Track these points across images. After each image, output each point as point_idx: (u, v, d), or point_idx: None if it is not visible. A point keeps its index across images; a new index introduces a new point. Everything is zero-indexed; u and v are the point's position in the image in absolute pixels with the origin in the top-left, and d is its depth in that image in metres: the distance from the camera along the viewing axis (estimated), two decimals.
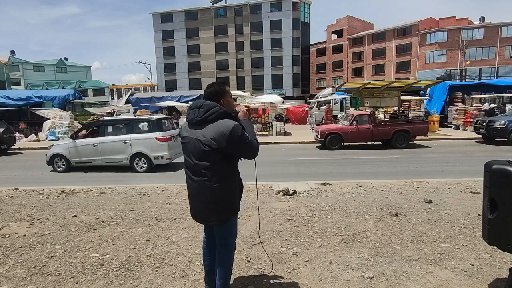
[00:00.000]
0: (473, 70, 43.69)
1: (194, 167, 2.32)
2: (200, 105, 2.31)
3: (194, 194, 2.40)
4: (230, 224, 2.50)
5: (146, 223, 4.56)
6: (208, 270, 2.65)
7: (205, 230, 2.67)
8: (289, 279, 2.98)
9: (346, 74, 55.86)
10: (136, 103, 20.38)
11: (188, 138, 2.35)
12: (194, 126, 2.32)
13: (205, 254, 2.66)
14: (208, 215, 2.38)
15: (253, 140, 2.32)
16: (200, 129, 2.27)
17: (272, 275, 3.06)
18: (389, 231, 4.05)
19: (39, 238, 4.11)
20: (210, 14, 56.25)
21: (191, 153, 2.32)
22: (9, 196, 6.29)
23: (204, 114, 2.26)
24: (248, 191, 6.20)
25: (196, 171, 2.32)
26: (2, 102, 19.99)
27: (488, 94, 19.79)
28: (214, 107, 2.28)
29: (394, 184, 6.50)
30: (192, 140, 2.30)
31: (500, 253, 3.28)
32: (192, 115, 2.33)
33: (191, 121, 2.34)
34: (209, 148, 2.22)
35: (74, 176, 9.00)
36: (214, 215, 2.36)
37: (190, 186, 2.43)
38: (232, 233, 2.57)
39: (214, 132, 2.21)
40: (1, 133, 13.47)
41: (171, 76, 58.36)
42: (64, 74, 70.21)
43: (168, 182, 7.27)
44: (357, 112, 13.94)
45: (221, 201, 2.34)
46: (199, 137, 2.25)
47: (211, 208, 2.34)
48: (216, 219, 2.38)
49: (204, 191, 2.31)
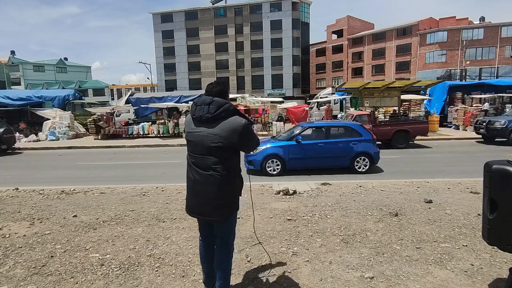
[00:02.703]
0: (473, 70, 43.70)
1: (204, 162, 2.33)
2: (209, 102, 2.32)
3: (199, 189, 2.39)
4: (231, 221, 2.53)
5: (146, 223, 4.56)
6: (207, 272, 2.65)
7: (202, 232, 2.63)
8: (289, 279, 2.98)
9: (346, 74, 55.86)
10: (136, 103, 20.32)
11: (197, 135, 2.36)
12: (204, 123, 2.33)
13: (204, 256, 2.65)
14: (212, 210, 2.37)
15: (256, 135, 2.49)
16: (212, 126, 2.30)
17: (272, 275, 3.06)
18: (389, 231, 4.05)
19: (39, 238, 4.10)
20: (210, 14, 56.21)
21: (202, 149, 2.33)
22: (9, 196, 6.28)
23: (216, 111, 2.28)
24: (248, 191, 6.21)
25: (206, 166, 2.33)
26: (2, 102, 19.97)
27: (488, 94, 19.79)
28: (225, 104, 2.32)
29: (394, 184, 6.51)
30: (203, 136, 2.32)
31: (500, 253, 3.28)
32: (201, 112, 2.32)
33: (200, 118, 2.33)
34: (222, 144, 2.27)
35: (74, 176, 9.00)
36: (219, 209, 2.37)
37: (195, 181, 2.40)
38: (233, 232, 2.59)
39: (228, 128, 2.27)
40: (1, 133, 13.47)
41: (171, 76, 58.33)
42: (64, 74, 70.17)
43: (168, 182, 7.27)
44: (357, 112, 13.94)
45: (227, 195, 2.38)
46: (212, 134, 2.29)
47: (216, 203, 2.35)
48: (220, 214, 2.39)
49: (211, 185, 2.32)
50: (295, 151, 8.48)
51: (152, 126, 18.78)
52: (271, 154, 8.44)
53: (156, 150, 14.62)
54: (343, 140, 8.65)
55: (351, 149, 8.51)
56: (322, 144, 8.55)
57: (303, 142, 8.50)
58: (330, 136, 8.77)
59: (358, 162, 8.51)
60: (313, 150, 8.54)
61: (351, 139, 8.61)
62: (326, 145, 8.55)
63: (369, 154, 8.49)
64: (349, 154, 8.52)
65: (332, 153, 8.55)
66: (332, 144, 8.60)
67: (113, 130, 18.86)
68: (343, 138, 8.70)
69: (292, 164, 8.53)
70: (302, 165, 8.66)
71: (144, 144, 15.91)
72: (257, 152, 8.43)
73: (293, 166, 8.55)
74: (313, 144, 8.59)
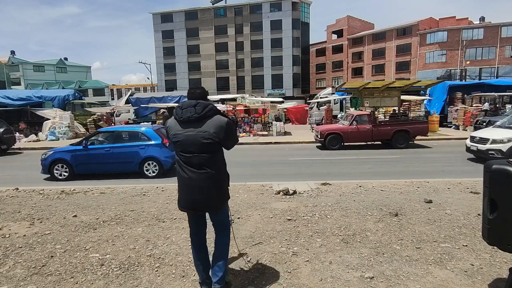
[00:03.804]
0: (473, 70, 43.69)
1: (196, 160, 2.51)
2: (195, 104, 2.53)
3: (194, 186, 2.54)
4: (225, 209, 2.79)
5: (146, 223, 4.56)
6: (203, 268, 2.73)
7: (194, 226, 2.76)
8: (289, 279, 2.98)
9: (346, 74, 55.85)
10: (136, 103, 20.38)
11: (185, 135, 2.52)
12: (191, 123, 2.52)
13: (199, 250, 2.74)
14: (209, 203, 2.60)
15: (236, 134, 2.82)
16: (199, 125, 2.50)
17: (272, 275, 3.06)
18: (389, 231, 4.05)
19: (39, 238, 4.11)
20: (210, 14, 56.22)
21: (194, 148, 2.50)
22: (9, 196, 6.29)
23: (202, 111, 2.51)
24: (248, 191, 6.21)
25: (198, 163, 2.52)
26: (2, 102, 19.98)
27: (488, 94, 19.79)
28: (209, 105, 2.56)
29: (394, 184, 6.51)
30: (192, 135, 2.50)
31: (500, 253, 3.28)
32: (188, 113, 2.51)
33: (188, 119, 2.51)
34: (211, 140, 2.50)
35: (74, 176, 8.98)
36: (215, 201, 2.62)
37: (190, 179, 2.54)
38: (228, 215, 2.83)
39: (214, 126, 2.51)
40: (1, 133, 13.48)
41: (171, 76, 58.34)
42: (64, 74, 70.20)
43: (168, 182, 7.27)
44: (357, 112, 13.93)
45: (220, 187, 2.64)
46: (201, 132, 2.49)
47: (213, 195, 2.58)
48: (217, 206, 2.65)
49: (206, 180, 2.53)
50: (83, 156, 8.50)
51: None
52: (58, 159, 8.48)
53: None
54: (130, 144, 8.59)
55: (138, 154, 8.43)
56: (109, 149, 8.53)
57: (90, 147, 8.53)
58: (118, 141, 8.78)
59: (147, 166, 8.47)
60: (100, 155, 8.53)
61: (139, 143, 8.55)
62: (113, 150, 8.51)
63: (157, 159, 8.41)
64: (136, 159, 8.42)
65: (119, 158, 8.48)
66: (119, 148, 8.54)
67: None
68: (131, 143, 8.64)
69: (80, 169, 8.57)
70: (91, 170, 8.70)
71: None
72: (46, 156, 8.56)
73: (81, 171, 8.61)
74: (100, 149, 8.60)
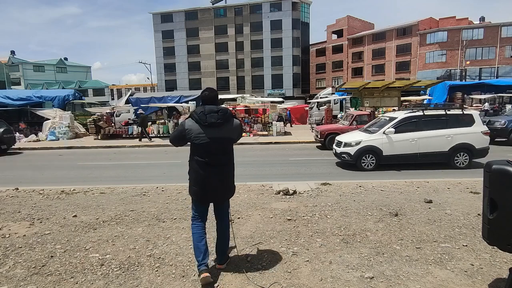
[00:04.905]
0: (473, 70, 43.68)
1: (220, 159, 2.96)
2: (217, 110, 2.92)
3: (216, 181, 2.95)
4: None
5: (146, 223, 4.56)
6: (205, 249, 2.98)
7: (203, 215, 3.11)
8: (289, 279, 2.98)
9: (346, 74, 55.84)
10: (136, 103, 20.30)
11: (209, 138, 2.87)
12: (214, 127, 2.88)
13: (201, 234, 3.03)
14: (228, 195, 3.13)
15: None
16: (221, 128, 2.91)
17: (272, 275, 3.06)
18: (389, 231, 4.05)
19: (39, 238, 4.11)
20: (210, 14, 56.21)
21: (217, 148, 2.92)
22: (9, 196, 6.28)
23: (224, 116, 2.92)
24: (248, 191, 6.21)
25: (221, 162, 2.97)
26: (2, 102, 19.97)
27: (488, 94, 19.79)
28: (228, 111, 3.00)
29: (394, 184, 6.51)
30: (216, 138, 2.90)
31: (500, 253, 3.28)
32: (212, 119, 2.88)
33: (212, 124, 2.87)
34: (232, 141, 3.05)
35: (74, 176, 9.00)
36: (231, 192, 3.16)
37: (212, 177, 2.93)
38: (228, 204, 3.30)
39: (233, 128, 3.01)
40: (1, 133, 13.47)
41: (171, 76, 58.33)
42: (64, 74, 70.21)
43: (168, 182, 7.27)
44: (357, 112, 13.92)
45: (233, 180, 3.17)
46: (225, 134, 2.94)
47: (231, 188, 3.12)
48: (228, 197, 3.17)
49: (225, 174, 3.02)
50: None
51: (152, 126, 18.80)
52: None
53: (156, 150, 14.62)
54: None
55: None
56: None
57: None
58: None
59: None
60: None
61: None
62: None
63: None
64: None
65: None
66: None
67: (113, 130, 18.87)
68: None
69: None
70: None
71: (144, 144, 15.93)
72: None
73: None
74: None
